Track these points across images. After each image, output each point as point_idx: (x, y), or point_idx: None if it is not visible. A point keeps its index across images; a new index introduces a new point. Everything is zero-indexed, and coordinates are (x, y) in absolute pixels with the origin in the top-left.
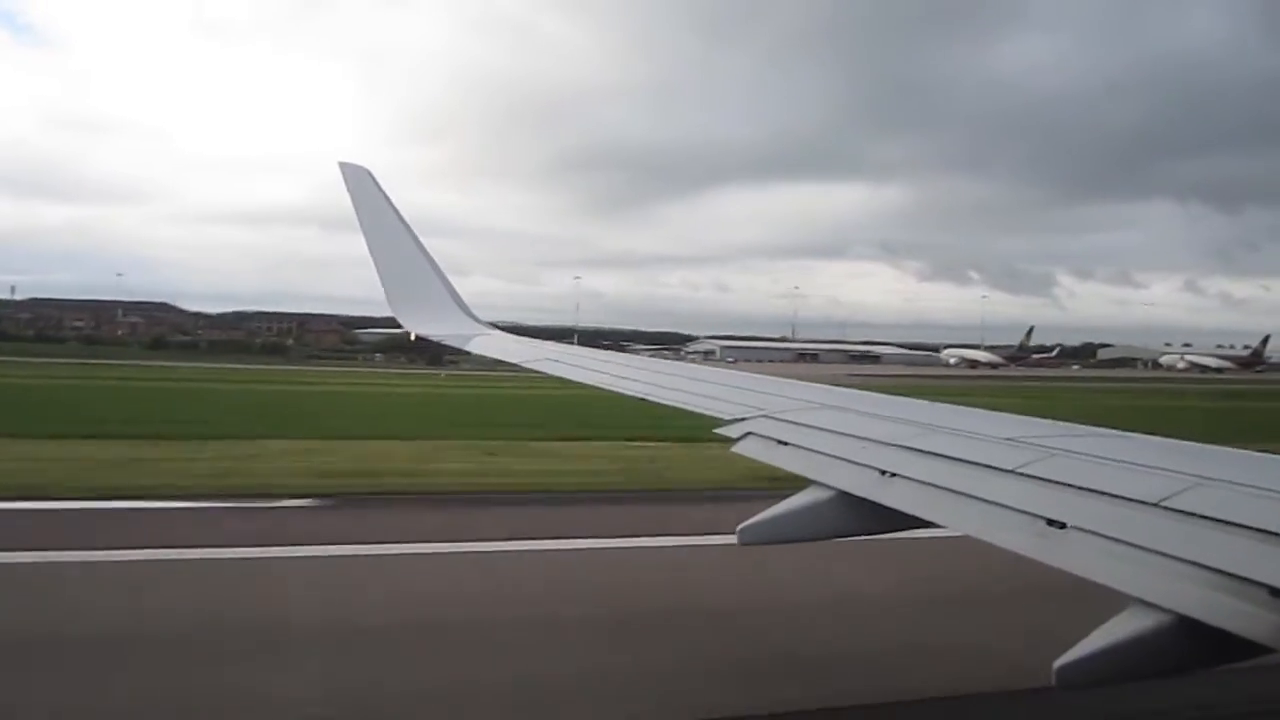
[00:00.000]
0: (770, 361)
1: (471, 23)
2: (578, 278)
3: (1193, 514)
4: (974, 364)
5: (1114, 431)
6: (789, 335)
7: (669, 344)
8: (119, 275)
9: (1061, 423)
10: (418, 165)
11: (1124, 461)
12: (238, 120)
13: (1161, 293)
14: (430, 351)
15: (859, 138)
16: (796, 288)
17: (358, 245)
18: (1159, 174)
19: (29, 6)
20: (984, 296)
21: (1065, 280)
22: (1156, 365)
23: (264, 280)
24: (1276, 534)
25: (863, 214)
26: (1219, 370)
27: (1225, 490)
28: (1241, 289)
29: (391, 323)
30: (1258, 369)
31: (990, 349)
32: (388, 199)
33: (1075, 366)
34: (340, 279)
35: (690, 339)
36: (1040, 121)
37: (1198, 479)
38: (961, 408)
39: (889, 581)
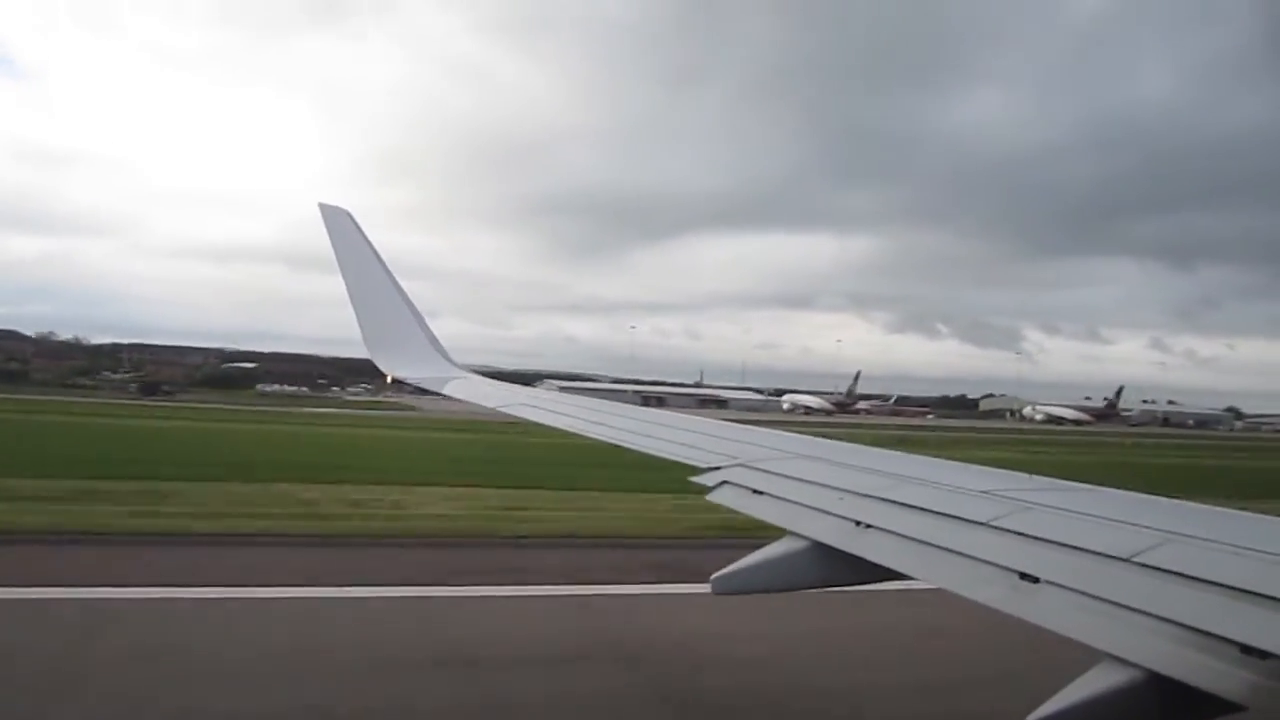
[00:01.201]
0: None
1: (435, 65)
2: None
3: (1164, 570)
4: (808, 410)
5: (1086, 486)
6: (700, 380)
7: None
8: None
9: (1035, 476)
10: (382, 206)
11: (1096, 516)
12: (204, 158)
13: (1130, 349)
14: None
15: (827, 189)
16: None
17: (322, 284)
18: (1124, 231)
19: None
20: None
21: (1032, 334)
22: (1021, 416)
23: (227, 317)
24: (1247, 591)
25: (833, 265)
26: (1077, 422)
27: (1196, 546)
28: (1207, 347)
29: (249, 358)
30: (1130, 423)
31: (829, 395)
32: (367, 241)
33: (930, 416)
34: (308, 317)
35: (540, 378)
36: (1005, 177)
37: (1169, 534)
38: (936, 459)
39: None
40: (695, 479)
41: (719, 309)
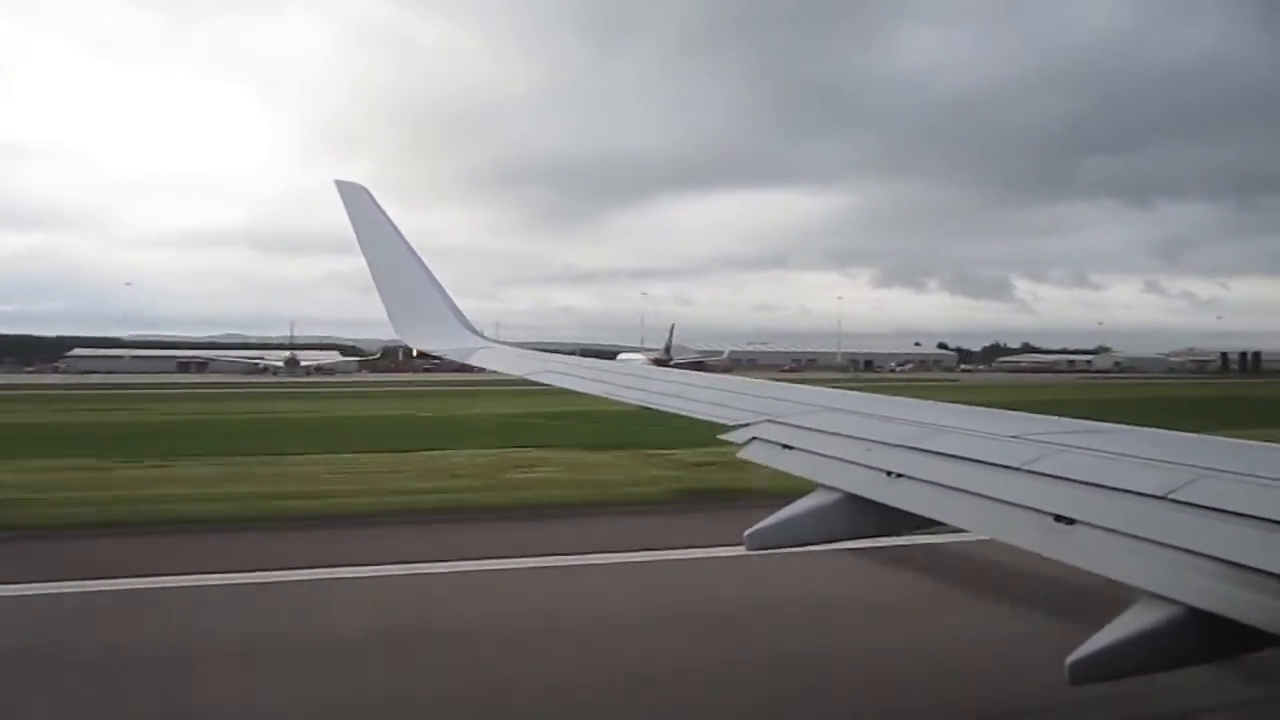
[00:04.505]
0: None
1: (370, 39)
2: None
3: (1200, 506)
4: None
5: (1117, 426)
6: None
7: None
8: None
9: (1066, 419)
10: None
11: (1129, 455)
12: (160, 144)
13: (1125, 293)
14: None
15: (788, 143)
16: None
17: (292, 266)
18: (1092, 174)
19: None
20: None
21: (1021, 283)
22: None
23: (188, 302)
24: None
25: (811, 222)
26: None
27: (1231, 482)
28: (1204, 288)
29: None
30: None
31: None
32: (385, 216)
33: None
34: (276, 299)
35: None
36: (967, 121)
37: (1203, 471)
38: (964, 406)
39: None
40: (724, 436)
41: (704, 273)
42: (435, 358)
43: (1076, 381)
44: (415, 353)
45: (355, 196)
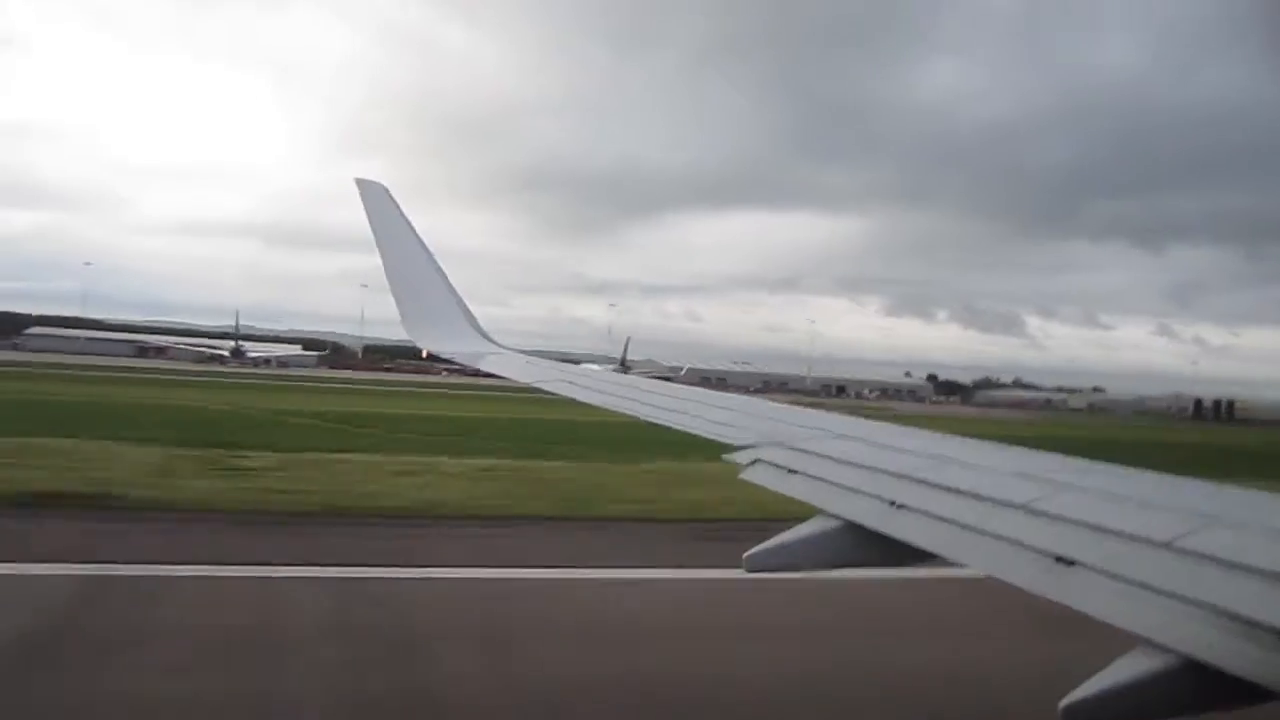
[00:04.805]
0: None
1: (405, 43)
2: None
3: (1204, 554)
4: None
5: (1123, 468)
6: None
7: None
8: None
9: (1072, 458)
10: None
11: (1134, 499)
12: (178, 134)
13: (1136, 336)
14: None
15: (806, 166)
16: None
17: (306, 260)
18: (1105, 214)
19: None
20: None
21: (1032, 320)
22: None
23: (191, 290)
24: None
25: (834, 247)
26: None
27: (1237, 531)
28: (1215, 335)
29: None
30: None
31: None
32: (404, 216)
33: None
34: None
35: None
36: (983, 154)
37: (1209, 518)
38: (972, 440)
39: None
40: (728, 457)
41: (715, 291)
42: (446, 360)
43: (1031, 419)
44: (425, 354)
45: (375, 195)
